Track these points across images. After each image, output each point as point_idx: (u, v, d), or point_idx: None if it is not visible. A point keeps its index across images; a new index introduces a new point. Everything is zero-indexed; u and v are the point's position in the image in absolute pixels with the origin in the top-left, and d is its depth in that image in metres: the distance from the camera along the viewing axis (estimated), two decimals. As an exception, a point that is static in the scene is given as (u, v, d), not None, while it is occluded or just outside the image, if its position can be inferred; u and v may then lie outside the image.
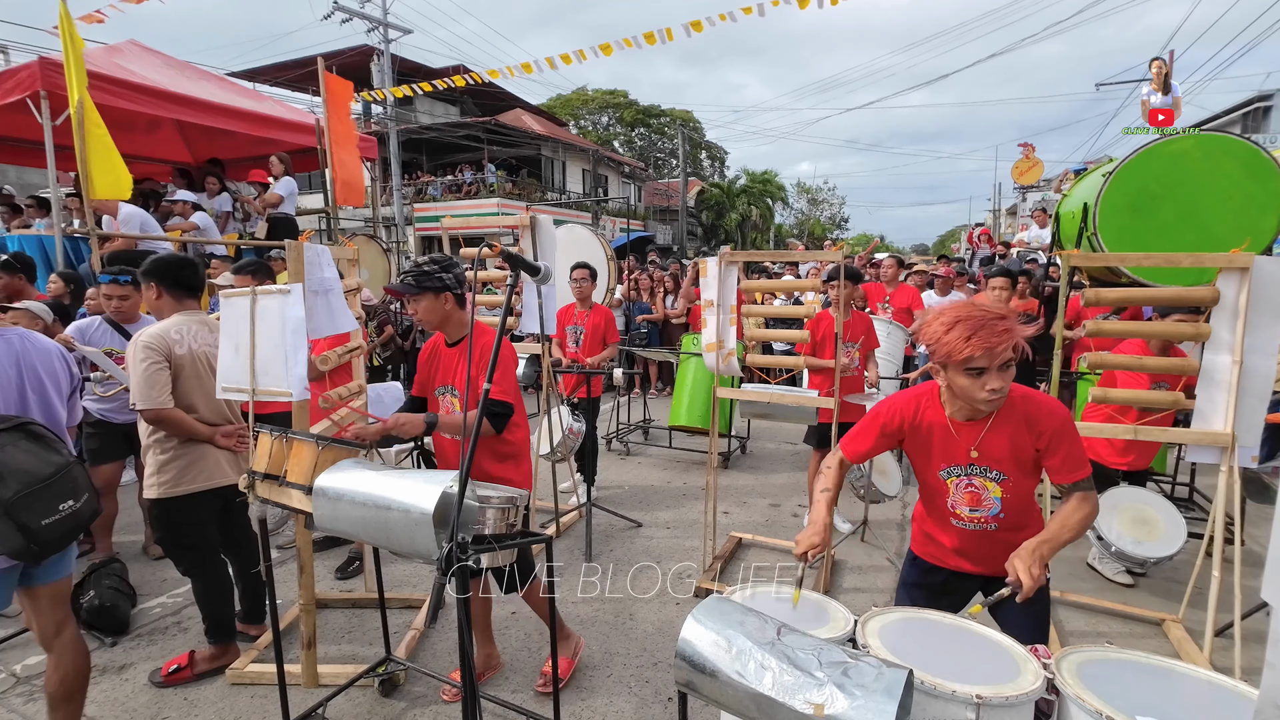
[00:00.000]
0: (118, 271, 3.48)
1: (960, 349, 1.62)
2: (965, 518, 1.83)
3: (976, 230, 15.92)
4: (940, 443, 1.81)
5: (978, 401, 1.68)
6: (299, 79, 18.67)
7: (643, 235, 20.88)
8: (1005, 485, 1.77)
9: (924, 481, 1.92)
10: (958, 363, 1.65)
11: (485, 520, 1.74)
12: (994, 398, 1.64)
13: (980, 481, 1.78)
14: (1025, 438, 1.73)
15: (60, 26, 4.54)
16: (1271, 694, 0.90)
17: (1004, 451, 1.74)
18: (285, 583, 3.53)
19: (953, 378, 1.69)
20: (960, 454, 1.79)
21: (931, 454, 1.83)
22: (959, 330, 1.62)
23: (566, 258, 5.31)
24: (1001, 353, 1.61)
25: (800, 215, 45.93)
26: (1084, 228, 4.14)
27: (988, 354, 1.60)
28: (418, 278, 2.36)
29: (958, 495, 1.82)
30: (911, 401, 1.87)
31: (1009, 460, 1.75)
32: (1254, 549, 3.73)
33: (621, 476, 5.57)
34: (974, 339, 1.60)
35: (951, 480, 1.81)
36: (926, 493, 1.94)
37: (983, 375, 1.64)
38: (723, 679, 1.21)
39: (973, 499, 1.80)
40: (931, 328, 1.70)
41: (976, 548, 1.87)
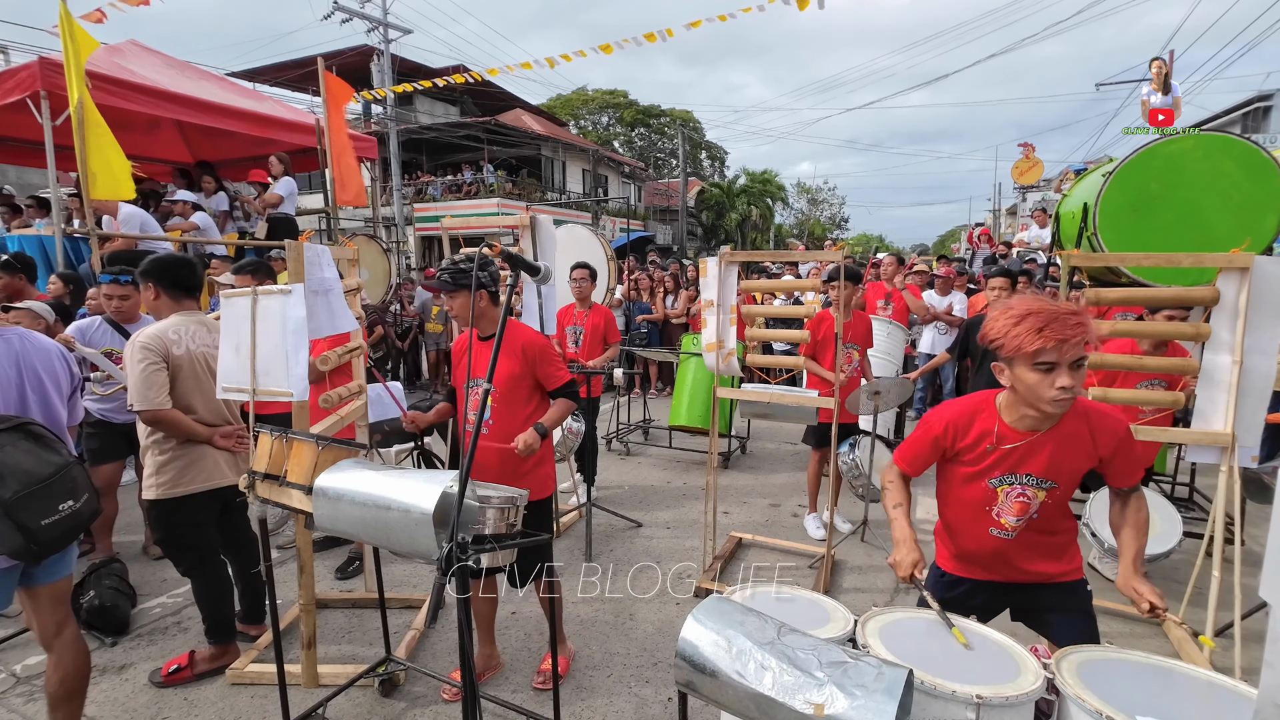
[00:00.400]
0: (118, 271, 3.48)
1: (1031, 341, 1.54)
2: (1009, 527, 1.77)
3: (976, 230, 15.92)
4: (999, 453, 1.73)
5: (1044, 401, 1.59)
6: (299, 79, 18.66)
7: (643, 235, 20.89)
8: (1052, 494, 1.73)
9: (965, 491, 1.82)
10: (1027, 355, 1.56)
11: (485, 520, 1.74)
12: (1063, 396, 1.56)
13: (1032, 491, 1.73)
14: (1086, 449, 1.68)
15: (60, 26, 4.53)
16: (1271, 692, 0.90)
17: (1063, 462, 1.69)
18: (285, 583, 3.53)
19: (1020, 374, 1.61)
20: (1017, 464, 1.72)
21: (985, 463, 1.75)
22: (1030, 322, 1.55)
23: (566, 258, 5.31)
24: (1074, 346, 1.54)
25: (800, 215, 45.94)
26: (1084, 228, 4.14)
27: (1059, 347, 1.53)
28: (454, 275, 2.44)
29: (1006, 504, 1.76)
30: (966, 410, 1.81)
31: (1065, 471, 1.70)
32: (1254, 549, 3.73)
33: (621, 476, 5.57)
34: (1046, 330, 1.53)
35: (1003, 489, 1.75)
36: (964, 503, 1.84)
37: (1053, 371, 1.56)
38: (723, 679, 1.21)
39: (1021, 508, 1.74)
40: (1000, 321, 1.62)
41: (1005, 553, 1.82)
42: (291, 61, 19.74)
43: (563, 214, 20.04)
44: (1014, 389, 1.66)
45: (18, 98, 5.15)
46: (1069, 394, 1.56)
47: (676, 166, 33.28)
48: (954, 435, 1.79)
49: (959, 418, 1.79)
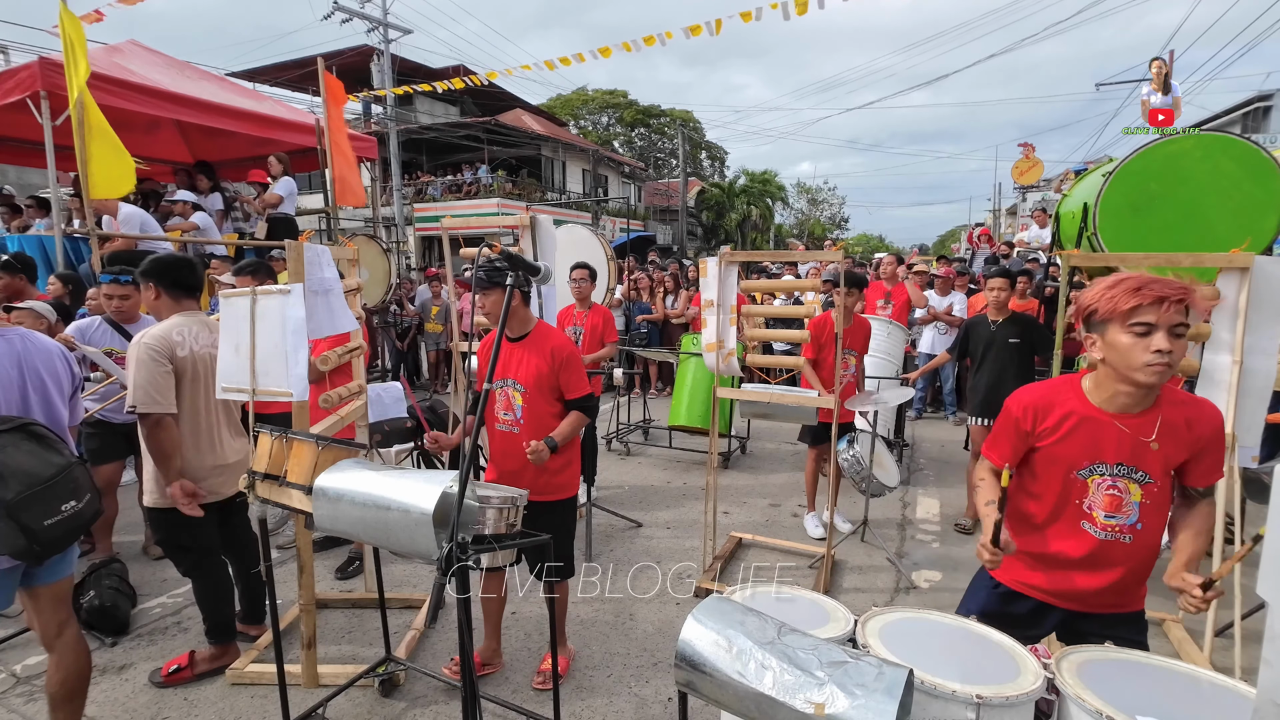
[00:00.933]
0: (118, 271, 3.48)
1: (1127, 299, 1.47)
2: (1100, 524, 1.63)
3: (976, 230, 15.92)
4: (1087, 436, 1.61)
5: (1138, 368, 1.47)
6: (299, 79, 18.67)
7: (643, 235, 20.88)
8: (1148, 490, 1.60)
9: (1046, 484, 1.69)
10: (1122, 315, 1.48)
11: (485, 520, 1.74)
12: (1159, 362, 1.44)
13: (1124, 484, 1.60)
14: (1181, 440, 1.58)
15: (60, 25, 4.53)
16: (1270, 690, 0.90)
17: (1156, 454, 1.58)
18: (285, 583, 3.53)
19: (1113, 339, 1.51)
20: (1109, 450, 1.60)
21: (1074, 449, 1.63)
22: (1128, 283, 1.48)
23: (566, 258, 5.31)
24: (1174, 306, 1.44)
25: (800, 215, 45.94)
26: (1084, 228, 4.14)
27: (1158, 306, 1.44)
28: (489, 273, 2.44)
29: (1096, 497, 1.63)
30: (1045, 390, 1.70)
31: (1159, 464, 1.58)
32: (1254, 549, 3.72)
33: (621, 476, 5.57)
34: (1144, 289, 1.45)
35: (1093, 480, 1.62)
36: (1050, 500, 1.70)
37: (1149, 334, 1.45)
38: (723, 679, 1.21)
39: (1112, 502, 1.61)
40: (1093, 288, 1.56)
41: (1096, 560, 1.65)
42: (291, 61, 19.75)
43: (563, 214, 20.03)
44: (1105, 362, 1.56)
45: (18, 98, 5.15)
46: (1166, 359, 1.45)
47: (676, 166, 33.28)
48: (1033, 416, 1.68)
49: (1039, 400, 1.69)
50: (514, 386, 2.57)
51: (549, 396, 2.57)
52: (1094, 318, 1.57)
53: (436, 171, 23.53)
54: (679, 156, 31.93)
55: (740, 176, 36.37)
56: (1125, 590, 1.68)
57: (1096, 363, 1.61)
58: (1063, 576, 1.70)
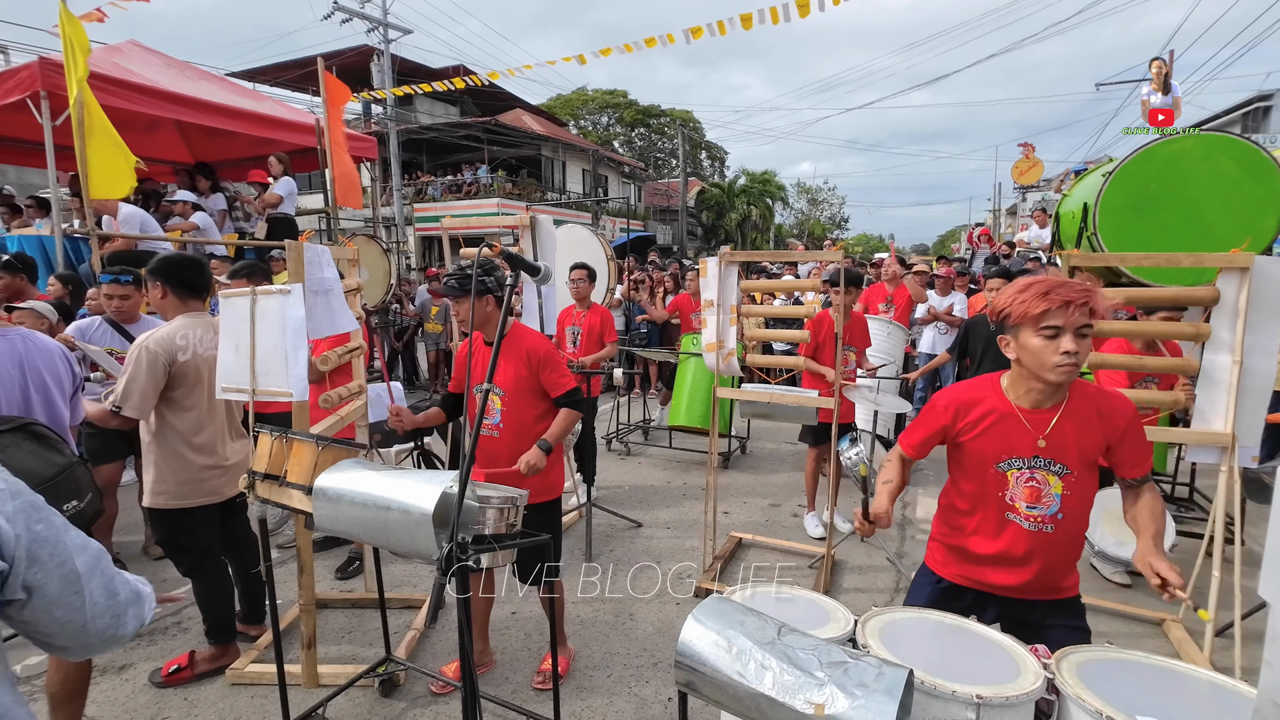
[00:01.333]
0: (119, 271, 3.48)
1: (1036, 305, 1.57)
2: (1023, 514, 1.71)
3: (976, 230, 15.92)
4: (1003, 432, 1.71)
5: (1048, 369, 1.59)
6: (299, 79, 18.67)
7: (643, 235, 20.87)
8: (1067, 481, 1.68)
9: (973, 479, 1.78)
10: (1033, 320, 1.58)
11: (485, 520, 1.74)
12: (1067, 362, 1.56)
13: (1043, 475, 1.69)
14: (1095, 431, 1.66)
15: (60, 27, 4.53)
16: (1270, 691, 0.90)
17: (1071, 444, 1.66)
18: (285, 583, 3.53)
19: (1025, 342, 1.62)
20: (1025, 444, 1.69)
21: (992, 444, 1.73)
22: (1035, 288, 1.59)
23: (566, 258, 5.32)
24: (1079, 309, 1.55)
25: (800, 215, 45.94)
26: (1084, 228, 4.14)
27: (1064, 309, 1.54)
28: (461, 281, 2.44)
29: (1017, 489, 1.71)
30: (970, 389, 1.80)
31: (1075, 454, 1.67)
32: (1254, 549, 3.73)
33: (621, 476, 5.57)
34: (1051, 294, 1.56)
35: (1012, 473, 1.71)
36: (973, 492, 1.79)
37: (1058, 337, 1.57)
38: (723, 679, 1.21)
39: (1032, 494, 1.70)
40: (1005, 293, 1.66)
41: (1028, 552, 1.72)
42: (291, 62, 19.76)
43: (563, 214, 20.03)
44: (1019, 361, 1.67)
45: (18, 98, 5.15)
46: (1073, 359, 1.56)
47: (676, 166, 33.28)
48: (956, 413, 1.78)
49: (962, 396, 1.79)
50: (494, 391, 2.57)
51: (531, 399, 2.56)
52: (1007, 322, 1.67)
53: (436, 171, 23.53)
54: (679, 156, 31.94)
55: (740, 176, 36.38)
56: (1055, 578, 1.76)
57: (1013, 361, 1.71)
58: (994, 569, 1.78)
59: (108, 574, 0.97)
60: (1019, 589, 1.76)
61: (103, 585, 0.96)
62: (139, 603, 1.04)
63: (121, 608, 0.99)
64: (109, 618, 0.97)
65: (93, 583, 0.94)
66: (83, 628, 0.93)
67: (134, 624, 1.02)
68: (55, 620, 0.91)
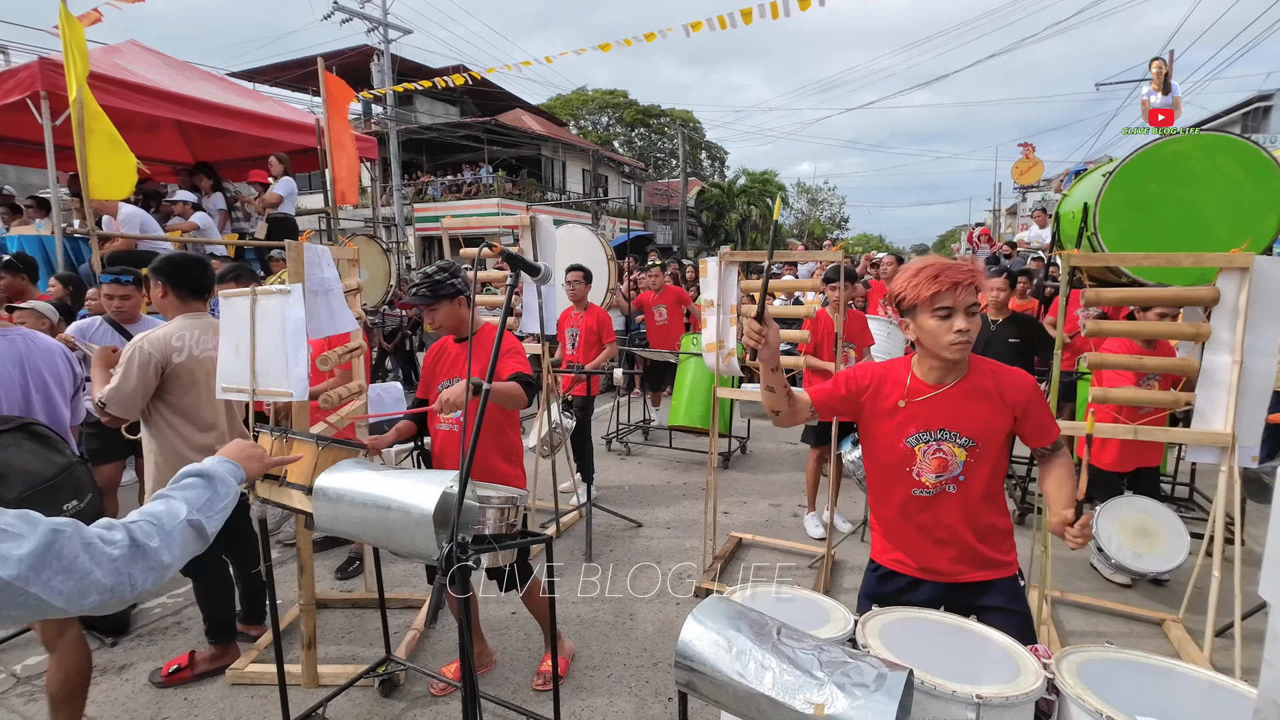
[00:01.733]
0: (119, 271, 3.48)
1: (927, 287, 1.67)
2: (930, 485, 1.78)
3: (976, 230, 15.92)
4: (911, 408, 1.80)
5: (944, 347, 1.69)
6: (299, 79, 18.67)
7: (643, 235, 20.86)
8: (972, 452, 1.76)
9: (886, 456, 1.84)
10: (926, 302, 1.68)
11: (485, 520, 1.74)
12: (960, 340, 1.66)
13: (949, 447, 1.76)
14: (998, 407, 1.74)
15: (60, 25, 4.53)
16: (1271, 692, 0.90)
17: (975, 418, 1.75)
18: (285, 583, 3.53)
19: (921, 323, 1.72)
20: (931, 418, 1.77)
21: (900, 419, 1.81)
22: (926, 272, 1.68)
23: (566, 258, 5.33)
24: (966, 290, 1.65)
25: (800, 215, 45.94)
26: (1084, 228, 4.13)
27: (953, 291, 1.64)
28: (432, 288, 2.43)
29: (924, 462, 1.78)
30: (882, 367, 1.89)
31: (979, 427, 1.74)
32: (1254, 549, 3.73)
33: (621, 476, 5.57)
34: (940, 277, 1.66)
35: (920, 446, 1.79)
36: (888, 470, 1.85)
37: (950, 316, 1.66)
38: (723, 679, 1.21)
39: (939, 464, 1.77)
40: (899, 278, 1.76)
41: (934, 517, 1.79)
42: (291, 62, 19.76)
43: (563, 214, 20.03)
44: (919, 342, 1.76)
45: (18, 98, 5.15)
46: (965, 338, 1.66)
47: (676, 166, 33.28)
48: (869, 386, 1.85)
49: (877, 375, 1.87)
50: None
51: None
52: (903, 304, 1.76)
53: (436, 171, 23.53)
54: (679, 156, 31.94)
55: (740, 176, 36.38)
56: (977, 549, 1.79)
57: (915, 342, 1.80)
58: (915, 539, 1.83)
59: (66, 557, 0.89)
60: (949, 562, 1.81)
61: (61, 572, 0.88)
62: (140, 558, 0.98)
63: (112, 577, 0.93)
64: (97, 594, 0.91)
65: (44, 576, 0.86)
66: (64, 609, 0.89)
67: (146, 578, 0.98)
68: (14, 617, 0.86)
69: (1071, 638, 3.10)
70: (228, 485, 1.22)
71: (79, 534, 0.92)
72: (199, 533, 1.10)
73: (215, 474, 1.21)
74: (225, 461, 1.30)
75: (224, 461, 1.30)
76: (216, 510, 1.16)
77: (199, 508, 1.11)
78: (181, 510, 1.08)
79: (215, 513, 1.15)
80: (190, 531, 1.07)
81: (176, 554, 1.03)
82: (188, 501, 1.11)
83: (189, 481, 1.17)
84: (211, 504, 1.15)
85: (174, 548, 1.03)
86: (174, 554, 1.03)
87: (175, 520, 1.06)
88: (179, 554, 1.04)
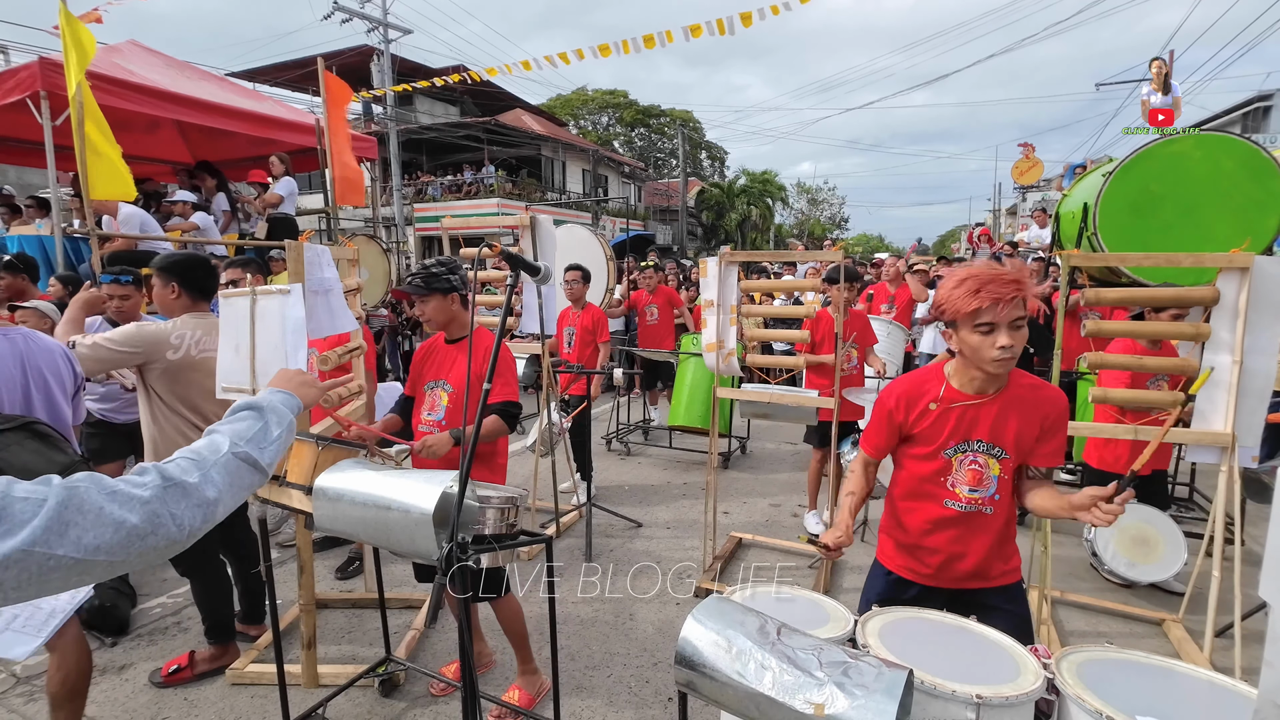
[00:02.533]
0: (119, 271, 3.48)
1: (968, 302, 1.61)
2: (964, 498, 1.77)
3: (976, 230, 15.92)
4: (952, 419, 1.77)
5: (987, 362, 1.65)
6: (299, 79, 18.67)
7: (643, 235, 20.86)
8: (1005, 465, 1.75)
9: (920, 467, 1.82)
10: (967, 317, 1.64)
11: (485, 520, 1.74)
12: (1004, 356, 1.61)
13: (984, 459, 1.75)
14: (1033, 420, 1.73)
15: (60, 25, 4.53)
16: (1271, 692, 0.90)
17: (1011, 430, 1.73)
18: (285, 583, 3.53)
19: (964, 337, 1.67)
20: (969, 429, 1.75)
21: (940, 431, 1.78)
22: (968, 285, 1.62)
23: (566, 258, 5.35)
24: (1010, 305, 1.59)
25: (800, 215, 45.95)
26: (1084, 228, 4.14)
27: (994, 307, 1.59)
28: (426, 279, 2.41)
29: (960, 473, 1.77)
30: (915, 380, 1.85)
31: (1013, 440, 1.73)
32: (1254, 549, 3.73)
33: (621, 476, 5.57)
34: (982, 292, 1.60)
35: (957, 458, 1.77)
36: (919, 479, 1.83)
37: (993, 332, 1.62)
38: (723, 679, 1.21)
39: (975, 477, 1.76)
40: (944, 288, 1.71)
41: (964, 534, 1.79)
42: (292, 61, 19.75)
43: (563, 214, 20.03)
44: (961, 353, 1.73)
45: (18, 98, 5.15)
46: (1009, 353, 1.62)
47: (676, 166, 33.28)
48: (905, 406, 1.82)
49: (909, 388, 1.84)
50: (443, 387, 2.53)
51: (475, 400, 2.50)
52: (944, 316, 1.72)
53: (436, 171, 23.53)
54: (679, 156, 31.94)
55: (740, 176, 36.39)
56: (996, 563, 1.81)
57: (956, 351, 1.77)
58: (935, 556, 1.82)
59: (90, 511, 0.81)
60: (962, 578, 1.82)
61: (91, 527, 0.81)
62: (180, 495, 0.91)
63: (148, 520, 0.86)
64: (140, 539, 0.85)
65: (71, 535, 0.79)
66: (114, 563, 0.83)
67: (194, 516, 0.91)
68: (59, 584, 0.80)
69: (1071, 638, 3.10)
70: (280, 415, 1.15)
71: (98, 485, 0.85)
72: (252, 466, 1.04)
73: (265, 405, 1.14)
74: (278, 391, 1.23)
75: (276, 392, 1.23)
76: (270, 442, 1.09)
77: (248, 439, 1.06)
78: (224, 444, 1.02)
79: (269, 444, 1.09)
80: (238, 464, 1.01)
81: (223, 488, 0.97)
82: (234, 434, 1.05)
83: (240, 415, 1.11)
84: (263, 435, 1.09)
85: (218, 481, 0.97)
86: (219, 488, 0.97)
87: (217, 454, 1.00)
88: (226, 488, 0.98)
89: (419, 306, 2.47)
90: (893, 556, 1.92)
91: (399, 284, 2.59)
